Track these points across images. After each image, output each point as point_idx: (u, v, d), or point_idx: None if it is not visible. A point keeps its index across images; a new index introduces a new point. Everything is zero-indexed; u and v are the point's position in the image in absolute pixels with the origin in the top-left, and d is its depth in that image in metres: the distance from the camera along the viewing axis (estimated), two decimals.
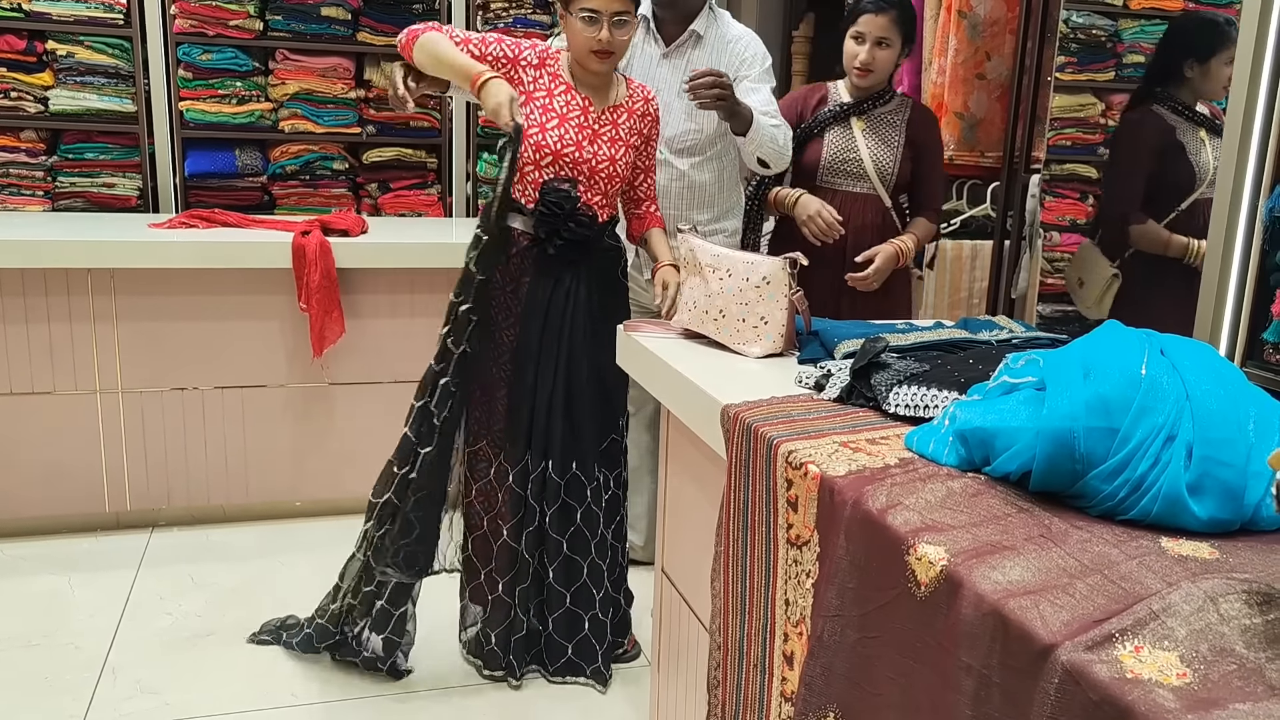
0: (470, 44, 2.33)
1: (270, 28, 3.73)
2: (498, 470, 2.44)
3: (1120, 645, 0.88)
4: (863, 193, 2.73)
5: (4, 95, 3.51)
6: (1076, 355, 1.20)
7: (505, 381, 2.41)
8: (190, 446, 3.20)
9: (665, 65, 2.76)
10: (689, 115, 2.73)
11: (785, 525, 1.39)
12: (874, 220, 2.73)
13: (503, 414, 2.41)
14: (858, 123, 2.71)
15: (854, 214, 2.71)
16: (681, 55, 2.76)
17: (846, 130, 2.72)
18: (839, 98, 2.76)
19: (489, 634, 2.49)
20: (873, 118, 2.72)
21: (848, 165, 2.71)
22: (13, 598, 2.80)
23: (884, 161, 2.71)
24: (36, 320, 2.99)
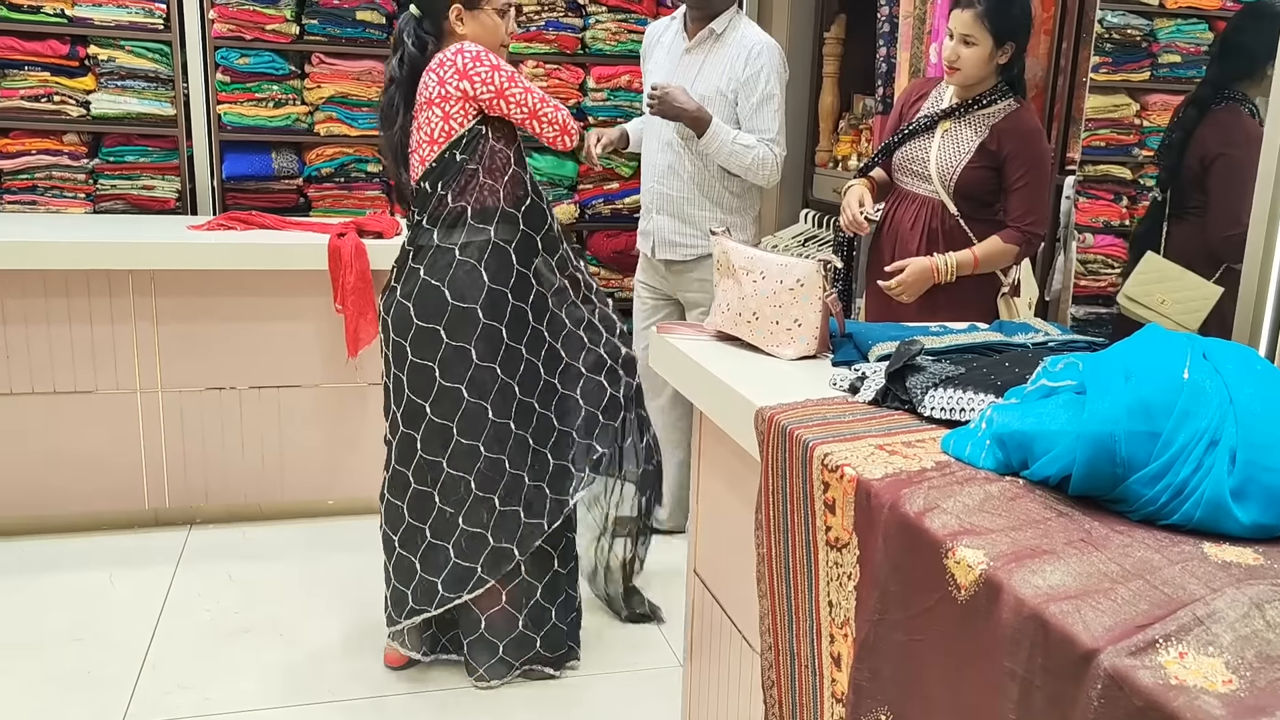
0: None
1: (306, 31, 3.77)
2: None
3: (1164, 651, 0.88)
4: (926, 194, 2.62)
5: (47, 99, 3.57)
6: (1117, 359, 1.19)
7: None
8: (227, 445, 3.24)
9: (687, 59, 3.01)
10: (703, 105, 2.92)
11: (824, 528, 1.40)
12: (935, 225, 2.60)
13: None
14: (944, 123, 2.59)
15: (915, 216, 2.62)
16: (701, 51, 2.99)
17: (930, 130, 2.61)
18: (941, 97, 2.65)
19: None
20: (963, 119, 2.59)
21: (915, 165, 2.62)
22: (56, 592, 2.86)
23: (946, 164, 2.57)
24: (79, 321, 3.04)
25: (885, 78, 3.69)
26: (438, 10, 2.28)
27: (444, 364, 2.27)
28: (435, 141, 2.26)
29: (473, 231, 2.28)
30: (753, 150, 2.94)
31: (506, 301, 2.30)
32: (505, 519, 2.38)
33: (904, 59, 3.53)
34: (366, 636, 2.65)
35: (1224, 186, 2.78)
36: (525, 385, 2.36)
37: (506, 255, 2.30)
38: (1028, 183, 2.58)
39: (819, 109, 4.29)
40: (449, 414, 2.29)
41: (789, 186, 4.53)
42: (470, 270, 2.27)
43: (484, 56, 2.24)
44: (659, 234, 3.11)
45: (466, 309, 2.27)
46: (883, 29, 3.72)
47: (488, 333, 2.28)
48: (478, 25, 2.29)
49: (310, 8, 3.75)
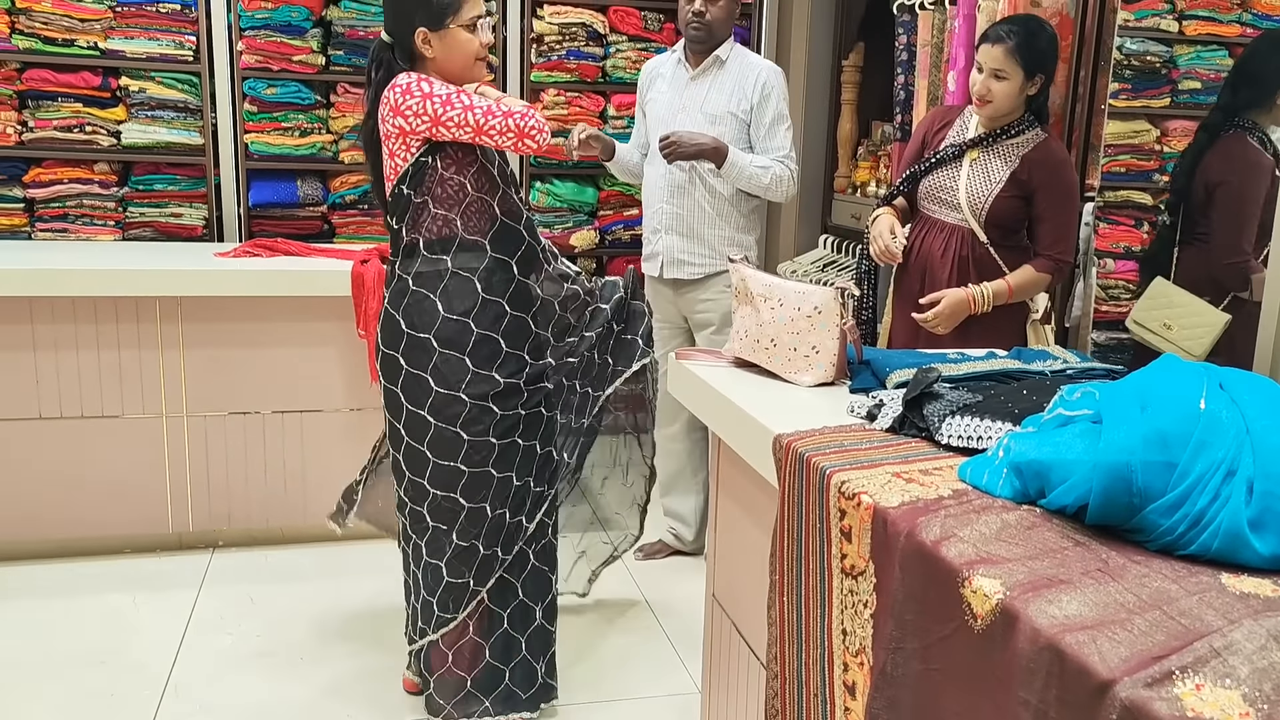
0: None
1: (332, 62, 3.83)
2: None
3: (1180, 683, 0.88)
4: (955, 223, 2.63)
5: (79, 129, 3.65)
6: (1133, 388, 1.20)
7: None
8: (250, 469, 3.28)
9: (693, 85, 3.13)
10: (710, 124, 3.06)
11: (839, 555, 1.40)
12: (965, 253, 2.61)
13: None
14: (972, 152, 2.62)
15: (940, 244, 2.64)
16: (707, 77, 3.12)
17: (958, 159, 2.63)
18: (966, 125, 2.68)
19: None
20: (990, 149, 2.61)
21: (944, 193, 2.63)
22: (80, 615, 2.89)
23: (978, 193, 2.59)
24: (107, 346, 3.09)
25: (903, 105, 3.71)
26: (404, 36, 2.17)
27: (405, 389, 2.25)
28: (389, 179, 2.22)
29: (426, 262, 2.21)
30: (770, 170, 3.06)
31: (468, 331, 2.21)
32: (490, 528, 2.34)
33: (922, 87, 3.55)
34: (386, 661, 2.66)
35: (1223, 214, 2.81)
36: (502, 402, 2.28)
37: (468, 284, 2.21)
38: (1058, 212, 2.63)
39: (837, 135, 4.31)
40: (419, 438, 2.26)
41: (808, 212, 4.55)
42: (422, 300, 2.20)
43: (414, 87, 2.12)
44: (668, 254, 3.15)
45: (420, 338, 2.22)
46: (900, 57, 3.74)
47: (444, 360, 2.21)
48: (445, 46, 2.17)
49: (336, 39, 3.82)
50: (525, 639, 2.41)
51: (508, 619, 2.38)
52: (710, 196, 3.10)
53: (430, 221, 2.20)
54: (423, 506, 2.30)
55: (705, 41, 3.08)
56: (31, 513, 3.14)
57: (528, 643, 2.41)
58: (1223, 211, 2.80)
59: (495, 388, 2.25)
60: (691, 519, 3.35)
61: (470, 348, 2.22)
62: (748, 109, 3.06)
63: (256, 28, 3.71)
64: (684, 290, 3.18)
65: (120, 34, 3.62)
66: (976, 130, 2.65)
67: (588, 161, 4.15)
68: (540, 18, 4.03)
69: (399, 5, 2.16)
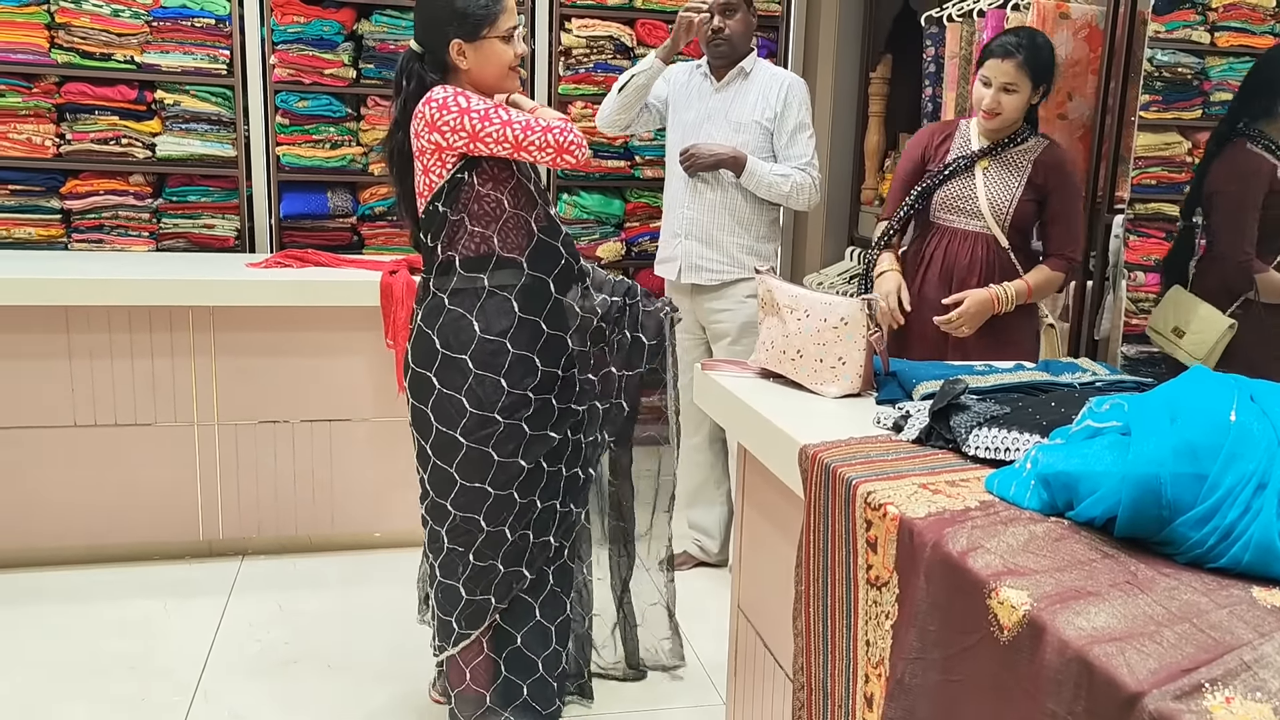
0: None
1: (363, 76, 3.88)
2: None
3: (1210, 695, 0.87)
4: (976, 230, 2.66)
5: (115, 142, 3.71)
6: (1163, 400, 1.19)
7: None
8: (279, 478, 3.31)
9: (718, 97, 3.16)
10: (735, 132, 3.10)
11: (865, 566, 1.40)
12: (986, 259, 2.66)
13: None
14: (982, 162, 2.66)
15: (965, 252, 2.66)
16: (731, 87, 3.15)
17: (969, 170, 2.67)
18: (968, 138, 2.71)
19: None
20: (999, 158, 2.66)
21: (962, 202, 2.66)
22: (112, 621, 2.92)
23: (1000, 201, 2.64)
24: (141, 355, 3.13)
25: (931, 117, 3.70)
26: (437, 47, 2.12)
27: (436, 409, 2.21)
28: (422, 195, 2.18)
29: (463, 280, 2.16)
30: (790, 178, 3.09)
31: (504, 351, 2.17)
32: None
33: (950, 99, 3.54)
34: (411, 668, 2.68)
35: (1223, 218, 2.88)
36: (535, 423, 2.24)
37: (505, 303, 2.17)
38: (1070, 212, 2.72)
39: (864, 148, 4.31)
40: (447, 459, 2.22)
41: (834, 224, 4.55)
42: (458, 319, 2.16)
43: (451, 102, 2.06)
44: (686, 259, 3.17)
45: (455, 358, 2.17)
46: (928, 69, 3.74)
47: (479, 381, 2.17)
48: (481, 57, 2.12)
49: (367, 53, 3.86)
50: (541, 659, 2.39)
51: (521, 638, 2.35)
52: (732, 204, 3.12)
53: (467, 239, 2.15)
54: (442, 527, 2.27)
55: (727, 56, 3.13)
56: (65, 519, 3.18)
57: (544, 662, 2.39)
58: (1223, 215, 2.87)
59: (528, 407, 2.21)
60: (716, 531, 3.36)
61: (506, 368, 2.18)
62: (772, 116, 3.10)
63: (289, 41, 3.77)
64: (701, 297, 3.19)
65: (156, 48, 3.68)
66: (980, 142, 2.69)
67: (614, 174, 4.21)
68: (568, 31, 4.06)
69: (433, 16, 2.12)
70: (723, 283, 3.16)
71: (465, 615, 2.31)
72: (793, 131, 3.11)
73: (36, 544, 3.20)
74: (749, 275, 3.11)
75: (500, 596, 2.31)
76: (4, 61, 3.57)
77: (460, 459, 2.21)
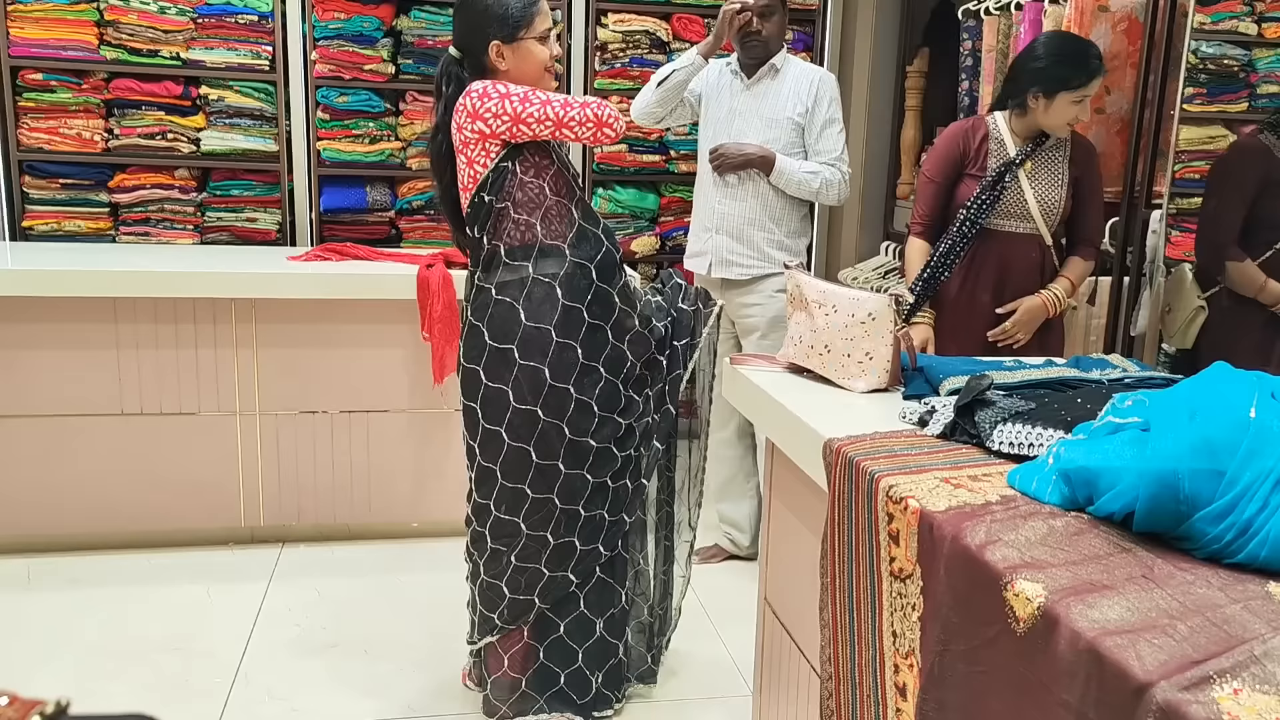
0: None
1: (401, 71, 3.93)
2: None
3: (1218, 687, 0.88)
4: (1025, 233, 2.67)
5: (161, 137, 3.80)
6: (1182, 396, 1.20)
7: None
8: (319, 467, 3.38)
9: (748, 94, 3.18)
10: (767, 127, 3.13)
11: (888, 558, 1.42)
12: (1035, 259, 2.68)
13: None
14: (1026, 166, 2.64)
15: (1014, 255, 2.66)
16: (762, 84, 3.17)
17: (1012, 175, 2.65)
18: (1002, 140, 2.68)
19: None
20: (1037, 157, 2.66)
21: (1010, 206, 2.65)
22: (157, 604, 3.00)
23: (1050, 201, 2.65)
24: (185, 346, 3.21)
25: (968, 111, 3.69)
26: (476, 49, 2.19)
27: (485, 404, 2.24)
28: (466, 189, 2.22)
29: (508, 270, 2.20)
30: (819, 175, 3.11)
31: (549, 338, 2.20)
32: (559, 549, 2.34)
33: (987, 92, 3.52)
34: (446, 654, 2.73)
35: (1206, 203, 2.94)
36: (575, 426, 2.26)
37: (550, 290, 2.20)
38: (1096, 197, 2.75)
39: (901, 142, 4.30)
40: (491, 457, 2.26)
41: (870, 219, 4.54)
42: (507, 309, 2.20)
43: (491, 90, 2.12)
44: (716, 253, 3.19)
45: (503, 349, 2.21)
46: (965, 63, 3.72)
47: (523, 371, 2.21)
48: (519, 58, 2.19)
49: (405, 48, 3.92)
50: (583, 650, 2.41)
51: (564, 628, 2.38)
52: (763, 200, 3.14)
53: (512, 228, 2.20)
54: (484, 526, 2.31)
55: (761, 56, 3.14)
56: (112, 505, 3.28)
57: (585, 654, 2.41)
58: (1208, 198, 2.93)
59: (569, 404, 2.24)
60: (746, 524, 3.38)
61: (550, 356, 2.21)
62: (803, 112, 3.11)
63: (330, 37, 3.83)
64: (731, 291, 3.21)
65: (201, 44, 3.76)
66: (1015, 144, 2.67)
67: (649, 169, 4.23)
68: (604, 26, 4.08)
69: (472, 18, 2.19)
70: (753, 277, 3.17)
71: (506, 610, 2.35)
72: (823, 126, 3.12)
73: (84, 529, 3.29)
74: (779, 270, 3.12)
75: (544, 597, 2.35)
76: (55, 58, 3.66)
77: (504, 456, 2.25)
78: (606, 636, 2.43)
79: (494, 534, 2.31)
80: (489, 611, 2.36)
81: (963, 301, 2.70)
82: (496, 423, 2.24)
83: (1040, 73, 2.55)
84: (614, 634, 2.44)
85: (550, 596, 2.35)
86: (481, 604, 2.37)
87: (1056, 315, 2.70)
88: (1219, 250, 2.81)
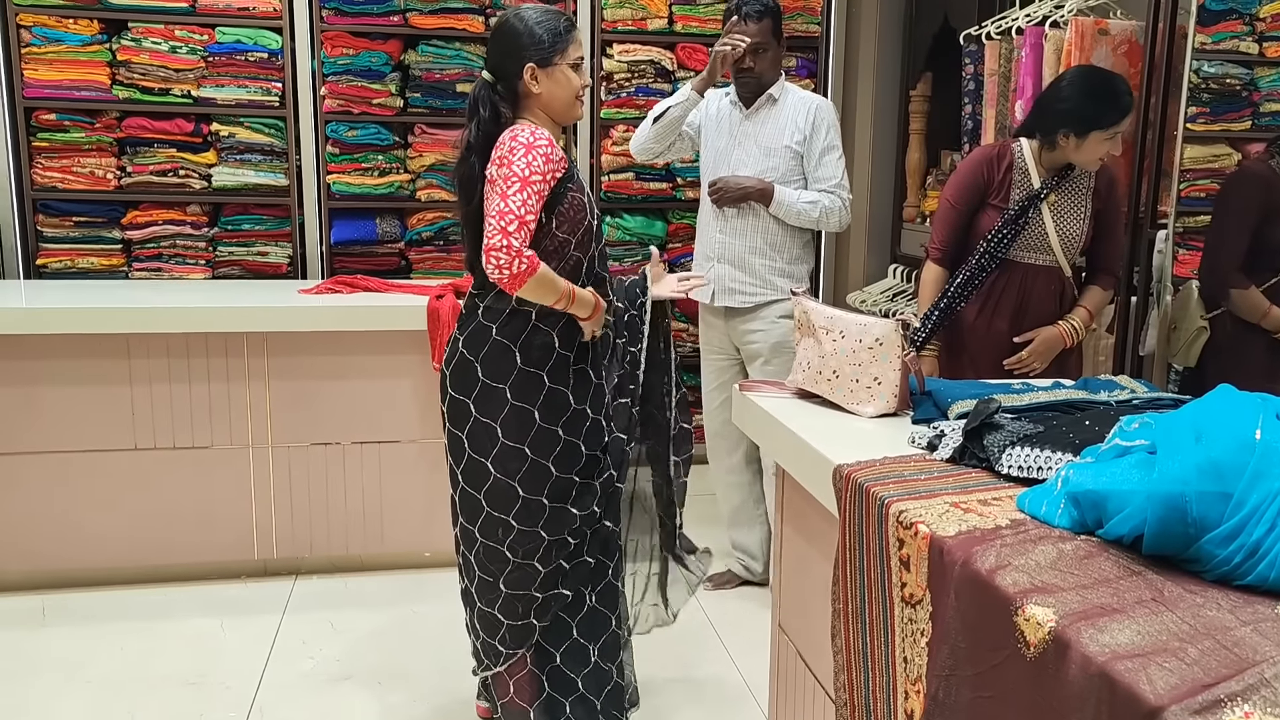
0: (534, 184, 2.13)
1: (409, 105, 3.98)
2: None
3: (1229, 710, 0.88)
4: (1044, 265, 2.66)
5: (173, 173, 3.85)
6: (1188, 419, 1.20)
7: None
8: (331, 498, 3.39)
9: (748, 123, 3.19)
10: (765, 156, 3.13)
11: (899, 584, 1.42)
12: (1054, 289, 2.68)
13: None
14: (1050, 197, 2.64)
15: (1033, 285, 2.66)
16: (760, 114, 3.18)
17: (1036, 208, 2.64)
18: (1026, 170, 2.66)
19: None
20: (1061, 189, 2.65)
21: (1032, 239, 2.64)
22: (170, 638, 3.01)
23: (1071, 234, 2.65)
24: (198, 380, 3.24)
25: (970, 134, 3.71)
26: (510, 73, 2.22)
27: (472, 436, 2.27)
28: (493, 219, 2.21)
29: (514, 313, 2.22)
30: (819, 204, 3.11)
31: (541, 385, 2.23)
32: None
33: (989, 116, 3.55)
34: (461, 685, 2.72)
35: (1211, 225, 2.95)
36: (561, 464, 2.28)
37: (547, 339, 2.23)
38: (1115, 227, 2.76)
39: (906, 165, 4.32)
40: (476, 485, 2.28)
41: (877, 242, 4.55)
42: (503, 350, 2.22)
43: (519, 146, 2.12)
44: (719, 282, 3.20)
45: (496, 388, 2.23)
46: (967, 87, 3.75)
47: (514, 412, 2.23)
48: (552, 83, 2.23)
49: (413, 82, 3.97)
50: (581, 678, 2.41)
51: (560, 656, 2.38)
52: (763, 229, 3.15)
53: None
54: (471, 553, 2.33)
55: (755, 90, 3.16)
56: (126, 540, 3.29)
57: (584, 681, 2.41)
58: (1213, 220, 2.94)
59: (557, 445, 2.26)
60: (758, 551, 3.38)
61: (541, 401, 2.24)
62: (801, 140, 3.12)
63: (339, 73, 3.88)
64: (735, 319, 3.22)
65: (212, 82, 3.82)
66: (1040, 175, 2.66)
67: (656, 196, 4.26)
68: (610, 56, 4.13)
69: (508, 42, 2.23)
70: (756, 304, 3.18)
71: (508, 636, 2.35)
72: (821, 153, 3.13)
73: (98, 564, 3.31)
74: (782, 296, 3.13)
75: (540, 616, 2.35)
76: (69, 98, 3.72)
77: (489, 487, 2.27)
78: (601, 663, 2.44)
79: (480, 563, 2.33)
80: (490, 639, 2.37)
81: (980, 330, 2.70)
82: (483, 455, 2.26)
83: (1070, 114, 2.52)
84: (608, 660, 2.45)
85: (546, 614, 2.36)
86: (483, 631, 2.38)
87: (1074, 345, 2.70)
88: (1223, 277, 2.80)
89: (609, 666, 2.45)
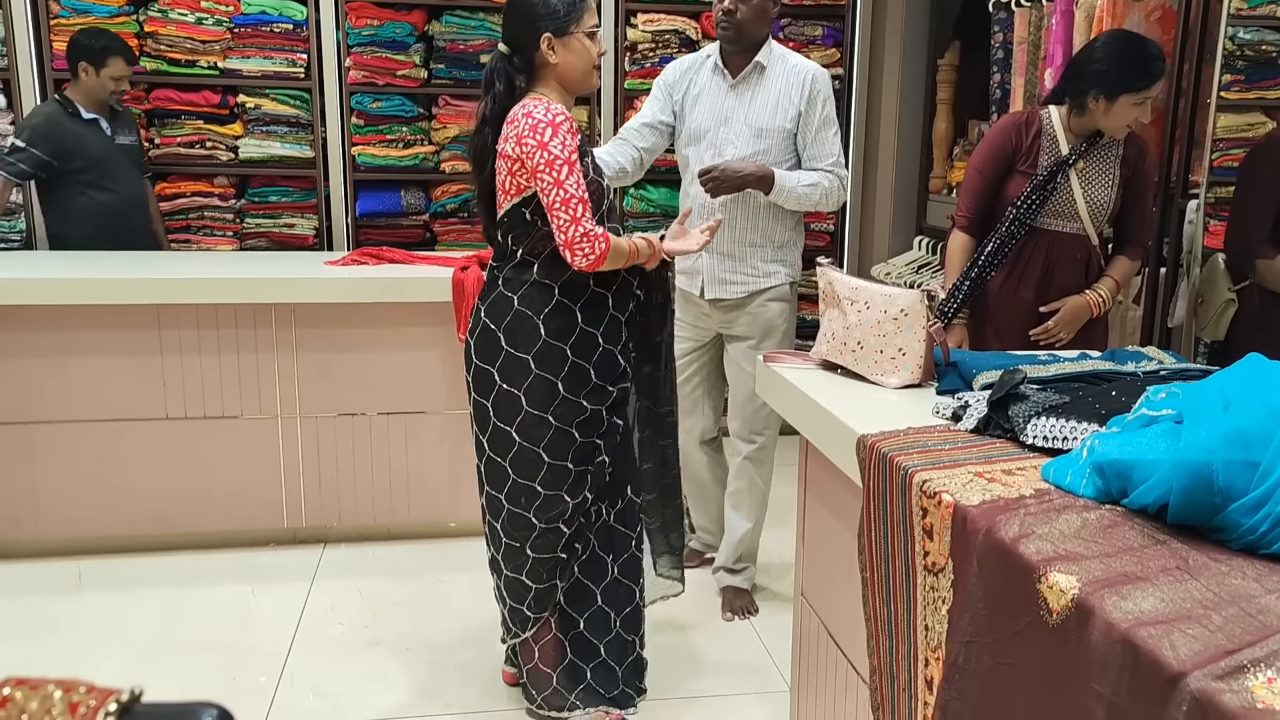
0: (574, 161, 2.15)
1: (434, 76, 3.98)
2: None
3: (1252, 675, 0.89)
4: (1072, 233, 2.64)
5: (201, 145, 3.87)
6: (1215, 388, 1.20)
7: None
8: (358, 468, 3.43)
9: (733, 95, 2.90)
10: (757, 138, 2.86)
11: (922, 553, 1.43)
12: (1081, 258, 2.66)
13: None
14: (1078, 166, 2.61)
15: (1060, 253, 2.64)
16: (748, 85, 2.89)
17: (1064, 174, 2.62)
18: (1055, 137, 2.64)
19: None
20: (1090, 157, 2.63)
21: (1059, 206, 2.62)
22: (203, 604, 3.07)
23: (1099, 202, 2.62)
24: (227, 351, 3.27)
25: (999, 103, 3.67)
26: (527, 44, 2.21)
27: (497, 405, 2.29)
28: (507, 193, 2.23)
29: (535, 284, 2.24)
30: (818, 186, 2.87)
31: (565, 358, 2.24)
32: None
33: (1018, 85, 3.50)
34: (486, 651, 2.76)
35: (1236, 197, 2.90)
36: (584, 431, 2.30)
37: (570, 312, 2.24)
38: (1144, 197, 2.73)
39: (933, 135, 4.28)
40: (502, 453, 2.31)
41: (902, 214, 4.52)
42: (525, 320, 2.24)
43: (543, 125, 2.12)
44: (708, 273, 2.97)
45: (519, 357, 2.25)
46: (997, 55, 3.70)
47: (539, 381, 2.25)
48: (569, 52, 2.22)
49: (437, 53, 3.97)
50: (603, 645, 2.44)
51: (584, 622, 2.42)
52: (752, 218, 2.93)
53: (545, 242, 2.22)
54: (499, 521, 2.36)
55: (736, 42, 2.86)
56: (158, 508, 3.35)
57: (606, 648, 2.44)
58: (1238, 191, 2.89)
59: (582, 414, 2.28)
60: (716, 529, 3.30)
61: (565, 373, 2.25)
62: (794, 117, 2.85)
63: (363, 44, 3.89)
64: (725, 307, 3.01)
65: (238, 54, 3.83)
66: (1068, 139, 2.64)
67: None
68: (634, 26, 4.11)
69: (524, 13, 2.22)
70: (748, 294, 2.97)
71: (534, 601, 2.39)
72: (818, 129, 2.88)
73: (131, 531, 3.37)
74: (774, 283, 2.95)
75: (565, 577, 2.39)
76: None
77: (514, 454, 2.30)
78: (622, 633, 2.47)
79: (507, 529, 2.36)
80: (519, 604, 2.41)
81: (1005, 298, 2.68)
82: (508, 423, 2.29)
83: (1101, 76, 2.49)
84: (630, 630, 2.48)
85: (570, 575, 2.39)
86: (510, 598, 2.42)
87: (1100, 315, 2.68)
88: (1249, 248, 2.77)
89: (631, 638, 2.48)
